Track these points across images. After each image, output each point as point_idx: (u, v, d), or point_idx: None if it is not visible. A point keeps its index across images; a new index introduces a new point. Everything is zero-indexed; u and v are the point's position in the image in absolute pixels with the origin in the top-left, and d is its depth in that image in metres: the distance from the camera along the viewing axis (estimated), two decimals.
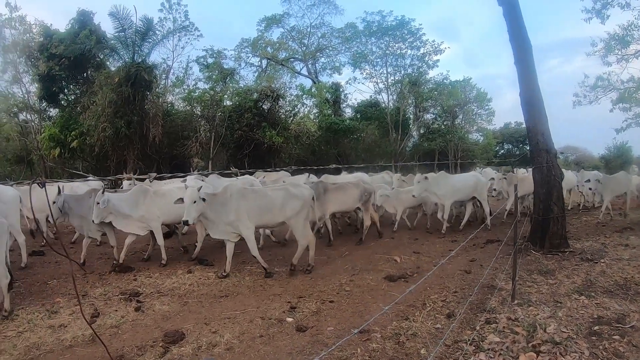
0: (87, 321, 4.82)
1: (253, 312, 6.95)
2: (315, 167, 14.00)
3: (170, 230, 11.84)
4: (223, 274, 8.91)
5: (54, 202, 9.37)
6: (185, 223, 8.41)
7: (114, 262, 9.82)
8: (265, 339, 5.85)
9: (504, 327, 5.76)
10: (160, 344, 5.75)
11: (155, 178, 10.93)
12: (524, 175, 16.78)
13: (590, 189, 15.19)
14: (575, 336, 5.46)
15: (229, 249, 9.12)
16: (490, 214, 14.15)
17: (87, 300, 7.71)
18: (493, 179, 15.64)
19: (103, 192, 9.12)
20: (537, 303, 6.72)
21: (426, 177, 12.95)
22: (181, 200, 8.52)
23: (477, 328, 5.75)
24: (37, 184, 3.86)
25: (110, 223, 9.70)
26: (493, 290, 7.41)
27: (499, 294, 7.20)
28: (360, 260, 10.30)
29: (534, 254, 10.11)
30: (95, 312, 7.07)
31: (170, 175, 9.88)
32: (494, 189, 15.09)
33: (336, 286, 8.20)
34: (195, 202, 8.23)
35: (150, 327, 6.45)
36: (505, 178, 15.47)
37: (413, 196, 13.07)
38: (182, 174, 12.35)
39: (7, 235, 7.21)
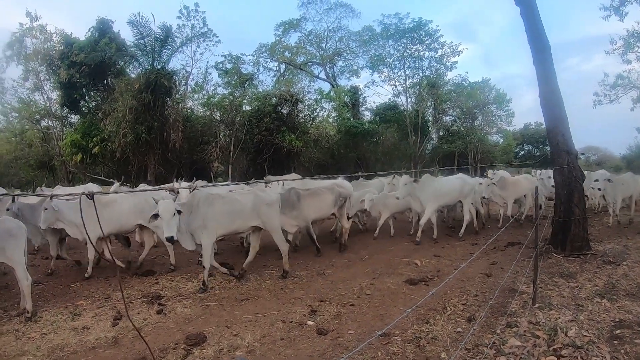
0: (133, 324, 4.92)
1: (274, 315, 6.99)
2: (346, 175, 13.97)
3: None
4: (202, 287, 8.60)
5: (7, 210, 9.19)
6: (170, 240, 7.62)
7: (129, 262, 10.31)
8: (286, 342, 5.90)
9: (524, 330, 5.75)
10: (182, 347, 5.82)
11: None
12: (516, 179, 16.58)
13: (599, 189, 14.44)
14: (596, 340, 5.42)
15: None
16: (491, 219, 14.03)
17: (110, 303, 7.84)
18: (481, 184, 15.01)
19: (51, 199, 8.94)
20: (558, 306, 6.68)
21: (415, 180, 12.72)
22: (155, 216, 7.85)
23: (498, 332, 5.74)
24: (86, 195, 3.90)
25: (53, 232, 9.76)
26: (514, 293, 7.37)
27: (520, 297, 7.17)
28: (381, 263, 10.30)
29: (555, 256, 10.03)
30: (118, 314, 7.18)
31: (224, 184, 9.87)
32: (483, 197, 14.67)
33: (357, 290, 8.22)
34: (174, 214, 7.68)
35: (172, 330, 6.52)
36: (494, 184, 15.06)
37: (397, 198, 12.65)
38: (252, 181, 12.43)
39: (26, 238, 7.33)
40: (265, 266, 10.20)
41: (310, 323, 6.59)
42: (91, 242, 8.64)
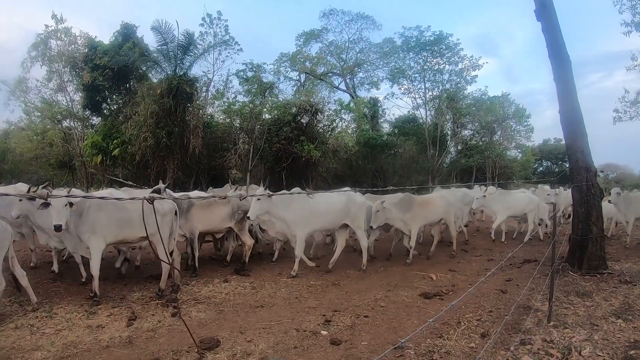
0: (186, 325, 4.95)
1: (288, 323, 7.02)
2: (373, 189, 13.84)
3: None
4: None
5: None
6: (58, 228, 7.30)
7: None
8: (299, 351, 5.92)
9: (538, 348, 5.73)
10: (196, 350, 5.85)
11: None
12: (515, 194, 16.47)
13: (609, 201, 13.99)
14: None
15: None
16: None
17: (125, 304, 7.95)
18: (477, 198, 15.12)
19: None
20: (573, 325, 6.65)
21: (384, 207, 11.41)
22: (46, 204, 7.54)
23: (512, 349, 5.72)
24: (147, 200, 3.96)
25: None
26: (529, 310, 7.35)
27: (535, 315, 7.15)
28: (396, 276, 10.32)
29: (572, 274, 9.95)
30: (133, 315, 7.27)
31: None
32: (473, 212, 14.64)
33: (371, 301, 8.23)
34: (66, 205, 7.43)
35: (186, 333, 6.57)
36: (484, 196, 15.11)
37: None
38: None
39: (10, 241, 7.27)
40: (280, 274, 10.24)
41: (324, 332, 6.62)
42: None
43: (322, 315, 7.40)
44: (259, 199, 9.77)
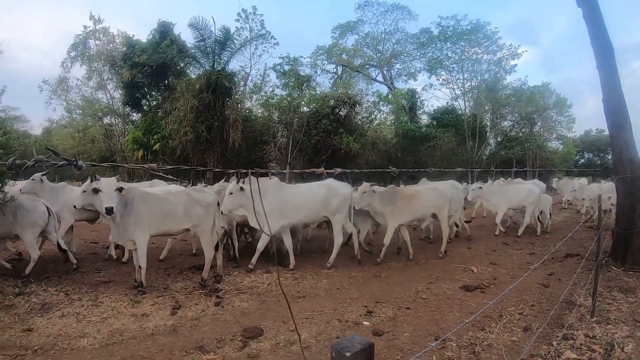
0: (295, 324, 5.05)
1: (330, 314, 7.06)
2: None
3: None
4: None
5: None
6: (109, 210, 7.35)
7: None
8: (328, 346, 5.90)
9: (581, 344, 5.67)
10: (239, 338, 5.95)
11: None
12: (514, 185, 15.87)
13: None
14: None
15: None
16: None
17: (169, 293, 8.07)
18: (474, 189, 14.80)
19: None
20: (615, 321, 6.54)
21: (374, 190, 10.77)
22: (96, 190, 7.74)
23: (554, 343, 5.68)
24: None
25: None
26: (571, 305, 7.26)
27: (578, 310, 7.04)
28: (437, 268, 10.27)
29: (615, 270, 9.66)
30: (177, 304, 7.40)
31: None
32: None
33: (413, 293, 8.22)
34: (115, 190, 7.55)
35: (230, 322, 6.67)
36: (481, 187, 14.75)
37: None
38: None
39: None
40: (321, 266, 10.28)
41: (366, 323, 6.65)
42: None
43: (364, 306, 7.42)
44: (231, 193, 9.44)
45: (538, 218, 15.31)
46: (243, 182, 9.16)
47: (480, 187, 14.73)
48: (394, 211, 10.89)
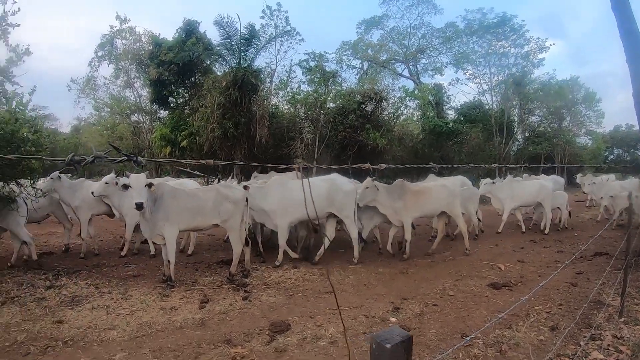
0: (343, 323, 5.10)
1: (357, 309, 7.12)
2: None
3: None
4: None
5: None
6: (139, 206, 7.52)
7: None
8: (368, 337, 5.89)
9: (608, 344, 5.63)
10: (267, 333, 6.07)
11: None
12: (526, 181, 15.81)
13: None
14: None
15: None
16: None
17: (197, 287, 8.24)
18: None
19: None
20: None
21: (375, 185, 10.65)
22: (126, 186, 7.77)
23: (581, 344, 5.65)
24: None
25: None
26: (599, 305, 7.20)
27: (606, 310, 6.98)
28: (464, 265, 10.26)
29: None
30: (205, 298, 7.55)
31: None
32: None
33: (439, 290, 8.25)
34: (145, 186, 7.74)
35: (257, 316, 6.77)
36: (494, 182, 14.60)
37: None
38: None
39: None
40: (348, 261, 10.32)
41: (393, 319, 6.70)
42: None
43: (391, 302, 7.48)
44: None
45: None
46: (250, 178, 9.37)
47: (494, 182, 14.61)
48: (406, 206, 10.84)
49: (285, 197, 10.01)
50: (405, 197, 10.95)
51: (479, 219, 14.16)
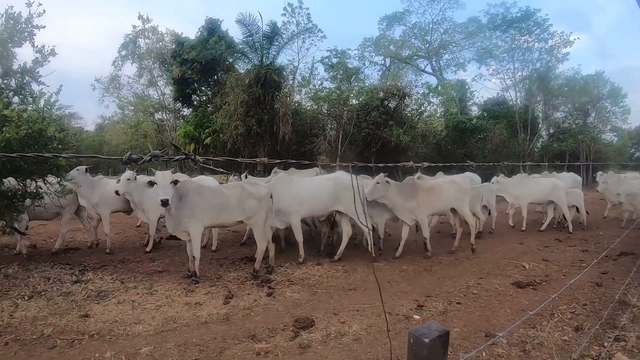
0: (385, 316, 5.14)
1: (381, 307, 7.07)
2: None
3: None
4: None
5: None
6: (165, 203, 7.61)
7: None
8: (392, 334, 5.94)
9: (632, 346, 5.56)
10: (291, 328, 6.07)
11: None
12: (538, 178, 15.15)
13: None
14: None
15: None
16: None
17: (222, 283, 8.29)
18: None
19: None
20: None
21: (388, 181, 10.30)
22: (151, 183, 7.93)
23: (606, 344, 5.60)
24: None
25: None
26: (624, 306, 7.11)
27: (631, 311, 6.90)
28: (488, 263, 10.18)
29: None
30: (229, 293, 7.59)
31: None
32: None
33: (463, 288, 8.18)
34: (171, 183, 7.77)
35: (281, 312, 6.79)
36: (498, 181, 14.31)
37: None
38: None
39: None
40: (371, 259, 10.30)
41: (417, 317, 6.67)
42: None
43: (415, 300, 7.44)
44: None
45: (564, 215, 14.65)
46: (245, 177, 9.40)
47: (498, 180, 14.42)
48: (419, 204, 10.68)
49: (292, 193, 9.98)
50: (417, 195, 10.72)
51: (489, 216, 14.15)
